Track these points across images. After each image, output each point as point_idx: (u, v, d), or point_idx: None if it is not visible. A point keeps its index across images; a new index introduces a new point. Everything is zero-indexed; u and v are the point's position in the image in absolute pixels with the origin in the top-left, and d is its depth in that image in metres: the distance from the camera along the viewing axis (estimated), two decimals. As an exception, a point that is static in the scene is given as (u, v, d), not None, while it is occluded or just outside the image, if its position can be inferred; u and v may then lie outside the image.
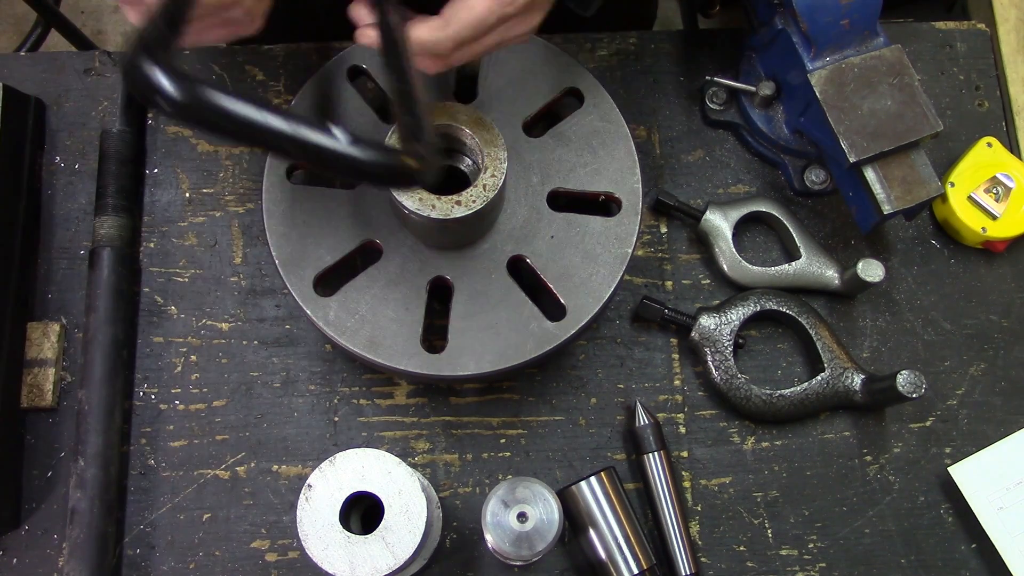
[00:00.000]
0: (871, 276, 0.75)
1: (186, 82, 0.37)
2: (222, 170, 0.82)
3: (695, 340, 0.77)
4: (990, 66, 0.88)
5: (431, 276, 0.69)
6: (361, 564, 0.61)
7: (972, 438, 0.78)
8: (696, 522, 0.76)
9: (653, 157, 0.84)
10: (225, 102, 0.38)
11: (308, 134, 0.41)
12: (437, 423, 0.77)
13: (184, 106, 0.37)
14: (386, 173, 0.43)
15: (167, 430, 0.76)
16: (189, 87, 0.37)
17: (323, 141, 0.41)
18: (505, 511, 0.63)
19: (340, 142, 0.41)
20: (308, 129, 0.41)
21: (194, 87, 0.37)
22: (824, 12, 0.70)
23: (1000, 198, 0.80)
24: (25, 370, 0.76)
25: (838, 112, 0.71)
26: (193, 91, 0.37)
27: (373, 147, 0.43)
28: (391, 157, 0.44)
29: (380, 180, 0.45)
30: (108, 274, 0.76)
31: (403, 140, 0.48)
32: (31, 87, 0.83)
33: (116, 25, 2.05)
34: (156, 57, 0.38)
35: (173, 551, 0.74)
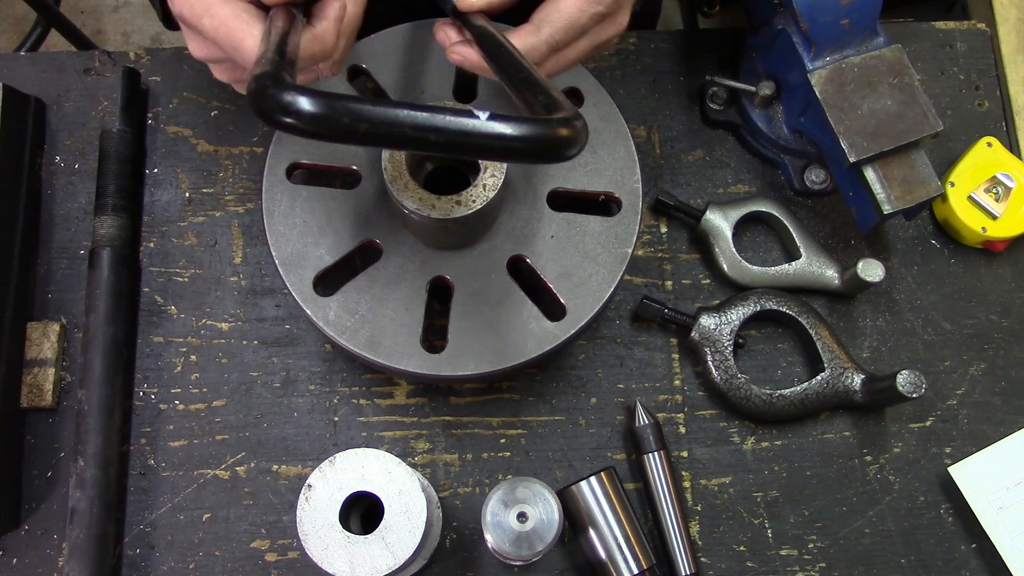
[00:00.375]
0: (871, 276, 0.75)
1: (318, 96, 0.37)
2: (222, 170, 0.82)
3: (695, 340, 0.77)
4: (990, 66, 0.88)
5: (431, 276, 0.69)
6: (361, 564, 0.61)
7: (972, 438, 0.78)
8: (696, 522, 0.76)
9: (653, 157, 0.84)
10: (360, 108, 0.37)
11: (450, 121, 0.38)
12: (437, 423, 0.77)
13: (323, 118, 0.37)
14: (543, 146, 0.40)
15: (167, 430, 0.77)
16: (322, 100, 0.37)
17: (468, 125, 0.38)
18: (505, 511, 0.63)
19: (484, 122, 0.38)
20: (448, 116, 0.38)
21: (327, 99, 0.37)
22: (824, 12, 0.70)
23: (1000, 198, 0.80)
24: (25, 370, 0.76)
25: (838, 112, 0.71)
26: (328, 103, 0.37)
27: (523, 121, 0.40)
28: (546, 128, 0.40)
29: (538, 156, 0.41)
30: (108, 274, 0.76)
31: (547, 112, 0.44)
32: (31, 87, 0.83)
33: (116, 25, 2.05)
34: (281, 80, 0.38)
35: (173, 551, 0.74)
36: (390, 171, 0.64)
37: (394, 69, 0.74)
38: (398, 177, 0.64)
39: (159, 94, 0.84)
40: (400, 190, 0.64)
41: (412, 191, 0.64)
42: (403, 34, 0.75)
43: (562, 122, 0.41)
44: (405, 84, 0.74)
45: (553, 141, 0.40)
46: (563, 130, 0.41)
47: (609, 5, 0.58)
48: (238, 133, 0.83)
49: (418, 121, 0.38)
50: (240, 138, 0.83)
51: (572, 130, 0.41)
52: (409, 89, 0.73)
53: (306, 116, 0.37)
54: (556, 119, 0.41)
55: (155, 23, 2.04)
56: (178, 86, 0.84)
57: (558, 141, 0.40)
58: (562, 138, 0.40)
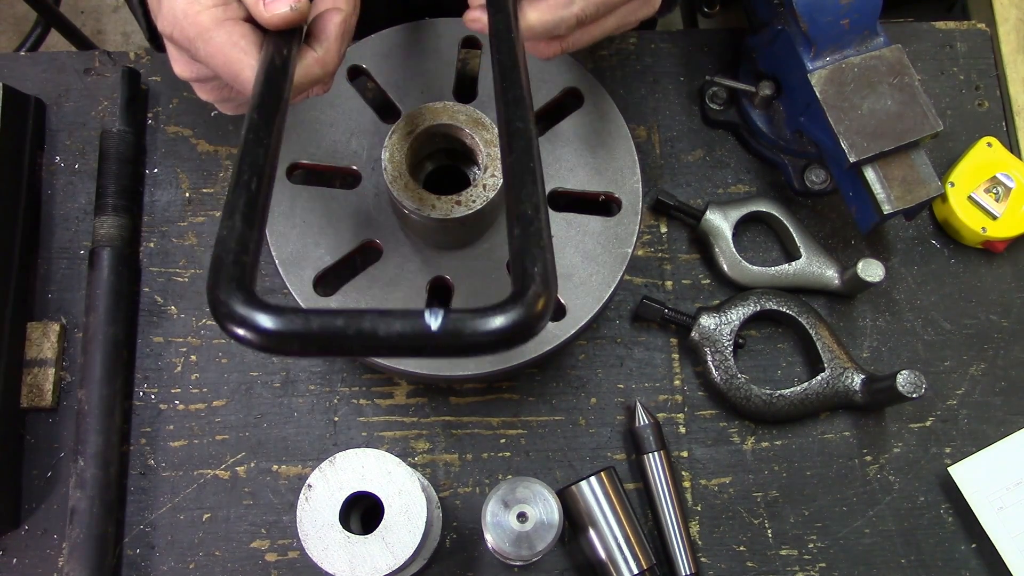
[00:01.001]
0: (871, 276, 0.75)
1: (274, 312, 0.36)
2: (222, 170, 0.82)
3: (695, 340, 0.77)
4: (990, 66, 0.88)
5: (431, 276, 0.69)
6: (361, 564, 0.61)
7: (972, 438, 0.78)
8: (696, 522, 0.76)
9: (653, 157, 0.84)
10: (313, 324, 0.36)
11: (401, 329, 0.36)
12: (437, 423, 0.77)
13: (273, 334, 0.36)
14: (507, 337, 0.37)
15: (167, 430, 0.77)
16: (279, 317, 0.35)
17: (423, 335, 0.36)
18: (505, 511, 0.63)
19: (438, 322, 0.36)
20: (401, 322, 0.36)
21: (282, 317, 0.35)
22: (824, 12, 0.70)
23: (1000, 198, 0.80)
24: (25, 370, 0.76)
25: (838, 112, 0.71)
26: (279, 321, 0.35)
27: (469, 322, 0.36)
28: (511, 315, 0.37)
29: (498, 348, 0.38)
30: (108, 274, 0.76)
31: (515, 274, 0.40)
32: (31, 87, 0.83)
33: (116, 25, 2.05)
34: (240, 288, 0.36)
35: (173, 551, 0.74)
36: (390, 171, 0.64)
37: (394, 69, 0.74)
38: (398, 177, 0.64)
39: (159, 94, 0.84)
40: (400, 190, 0.64)
41: (412, 191, 0.64)
42: (403, 34, 0.75)
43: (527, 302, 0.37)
44: (405, 84, 0.74)
45: (519, 331, 0.37)
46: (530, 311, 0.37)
47: None
48: (238, 133, 0.83)
49: (368, 338, 0.36)
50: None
51: (541, 306, 0.38)
52: (409, 89, 0.73)
53: (261, 334, 0.36)
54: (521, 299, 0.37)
55: (155, 23, 2.04)
56: (178, 86, 0.84)
57: (523, 329, 0.37)
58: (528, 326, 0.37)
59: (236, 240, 0.38)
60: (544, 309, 0.37)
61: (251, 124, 0.45)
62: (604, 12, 0.57)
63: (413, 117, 0.65)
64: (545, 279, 0.38)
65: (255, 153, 0.43)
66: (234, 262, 0.37)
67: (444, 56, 0.75)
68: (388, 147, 0.64)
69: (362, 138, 0.72)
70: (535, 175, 0.45)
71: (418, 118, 0.65)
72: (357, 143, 0.72)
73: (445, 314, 0.35)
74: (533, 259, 0.39)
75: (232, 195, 0.41)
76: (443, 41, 0.75)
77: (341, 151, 0.72)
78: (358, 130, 0.73)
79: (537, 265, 0.39)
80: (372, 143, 0.72)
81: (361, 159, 0.72)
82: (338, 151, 0.72)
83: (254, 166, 0.42)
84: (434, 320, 0.35)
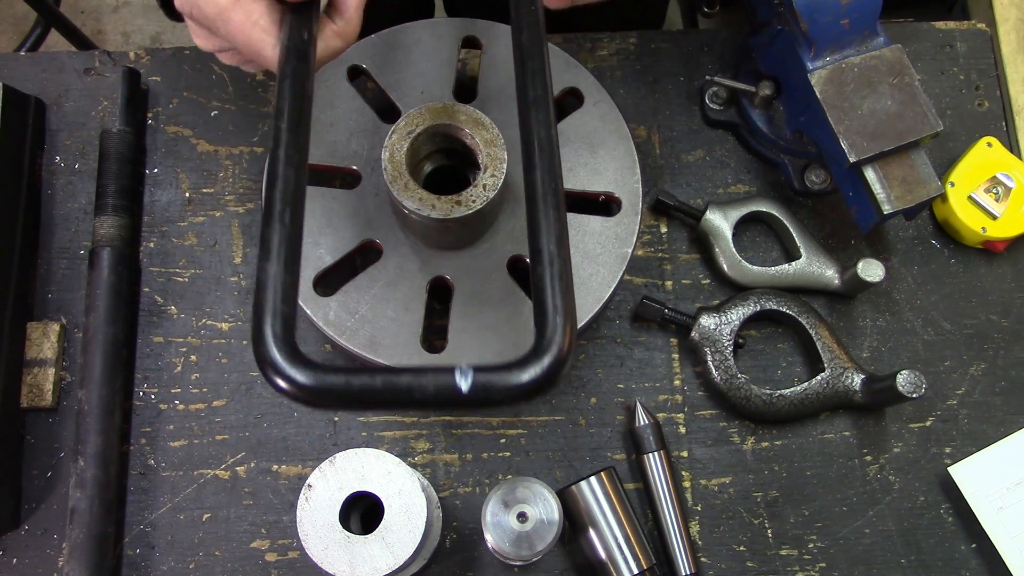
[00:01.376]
0: (871, 276, 0.75)
1: (318, 370, 0.38)
2: (222, 170, 0.82)
3: (695, 340, 0.77)
4: (990, 66, 0.88)
5: (431, 276, 0.69)
6: (361, 564, 0.61)
7: (972, 438, 0.78)
8: (696, 522, 0.76)
9: (653, 157, 0.84)
10: (353, 384, 0.38)
11: (435, 390, 0.38)
12: (437, 423, 0.77)
13: (314, 391, 0.38)
14: (533, 390, 0.39)
15: (167, 430, 0.77)
16: (322, 375, 0.38)
17: (450, 391, 0.38)
18: (505, 511, 0.63)
19: (468, 384, 0.38)
20: (432, 378, 0.38)
21: (320, 374, 0.38)
22: (824, 12, 0.70)
23: (1000, 198, 0.80)
24: (25, 370, 0.76)
25: (838, 112, 0.71)
26: (320, 378, 0.38)
27: (497, 376, 0.39)
28: (535, 369, 0.39)
29: (526, 400, 0.41)
30: (108, 274, 0.76)
31: (537, 320, 0.41)
32: (31, 87, 0.83)
33: (116, 25, 2.05)
34: (285, 344, 0.39)
35: (173, 551, 0.74)
36: (390, 171, 0.64)
37: (394, 69, 0.74)
38: (398, 177, 0.64)
39: (159, 94, 0.84)
40: (400, 190, 0.64)
41: (412, 191, 0.64)
42: (403, 34, 0.75)
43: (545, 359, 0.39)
44: (405, 84, 0.74)
45: (542, 385, 0.39)
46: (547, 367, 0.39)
47: None
48: (238, 133, 0.83)
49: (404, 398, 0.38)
50: (240, 138, 0.83)
51: (558, 363, 0.40)
52: (409, 89, 0.73)
53: (302, 389, 0.38)
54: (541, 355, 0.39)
55: (155, 23, 2.04)
56: (178, 86, 0.84)
57: (544, 384, 0.39)
58: (549, 380, 0.40)
59: (276, 288, 0.40)
60: (567, 357, 0.38)
61: (279, 138, 0.45)
62: None
63: (413, 117, 0.65)
64: (568, 329, 0.39)
65: (287, 177, 0.43)
66: (276, 314, 0.39)
67: (444, 56, 0.75)
68: (388, 147, 0.64)
69: (362, 138, 0.72)
70: (559, 200, 0.44)
71: (418, 118, 0.65)
72: (357, 143, 0.72)
73: (474, 373, 0.37)
74: (556, 308, 0.39)
75: (267, 230, 0.41)
76: (443, 41, 0.75)
77: (341, 151, 0.72)
78: (358, 130, 0.73)
79: (560, 315, 0.39)
80: (372, 143, 0.72)
81: (361, 159, 0.72)
82: (338, 151, 0.72)
83: (286, 194, 0.42)
84: (464, 382, 0.37)
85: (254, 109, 0.84)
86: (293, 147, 0.45)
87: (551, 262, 0.42)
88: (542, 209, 0.44)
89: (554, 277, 0.42)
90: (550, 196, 0.45)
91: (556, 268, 0.42)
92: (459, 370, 0.38)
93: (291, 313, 0.40)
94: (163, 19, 2.06)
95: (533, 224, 0.44)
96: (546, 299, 0.41)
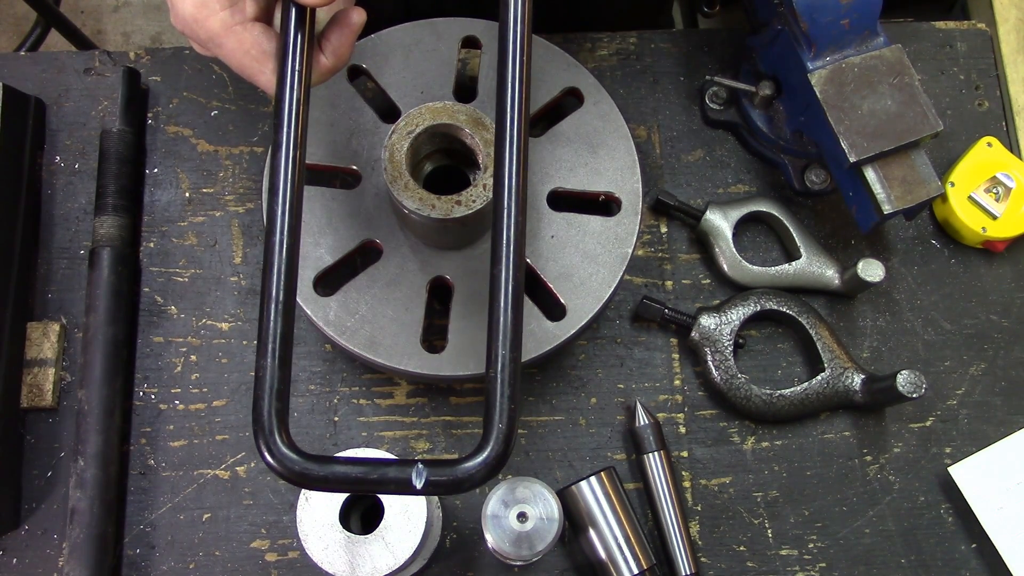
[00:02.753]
0: (871, 276, 0.75)
1: (308, 459, 0.47)
2: (222, 170, 0.82)
3: (695, 340, 0.77)
4: (990, 66, 0.88)
5: (431, 276, 0.69)
6: (361, 564, 0.61)
7: (972, 438, 0.78)
8: (696, 522, 0.76)
9: (653, 157, 0.84)
10: (337, 471, 0.47)
11: (395, 482, 0.47)
12: (437, 423, 0.77)
13: (306, 476, 0.47)
14: (476, 482, 0.48)
15: (167, 430, 0.76)
16: (312, 464, 0.47)
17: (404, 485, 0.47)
18: (505, 511, 0.63)
19: (422, 482, 0.47)
20: (395, 473, 0.47)
21: (314, 464, 0.47)
22: (824, 12, 0.70)
23: (1000, 198, 0.80)
24: (25, 370, 0.76)
25: (838, 112, 0.71)
26: (314, 467, 0.47)
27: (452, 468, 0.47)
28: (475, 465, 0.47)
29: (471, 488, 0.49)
30: (108, 274, 0.76)
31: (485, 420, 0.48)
32: (31, 87, 0.83)
33: (116, 25, 2.05)
34: (280, 433, 0.47)
35: (173, 551, 0.74)
36: (390, 171, 0.64)
37: (394, 69, 0.74)
38: (398, 177, 0.64)
39: (159, 94, 0.84)
40: (400, 190, 0.64)
41: (412, 191, 0.64)
42: (403, 34, 0.75)
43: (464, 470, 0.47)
44: (405, 84, 0.74)
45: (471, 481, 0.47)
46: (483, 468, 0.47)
47: None
48: (238, 133, 0.83)
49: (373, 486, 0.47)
50: (240, 138, 0.83)
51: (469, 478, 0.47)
52: (409, 89, 0.73)
53: (292, 473, 0.47)
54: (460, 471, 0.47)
55: (155, 23, 2.04)
56: (178, 86, 0.84)
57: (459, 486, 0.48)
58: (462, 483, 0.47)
59: (271, 383, 0.48)
60: (505, 455, 0.47)
61: (272, 222, 0.50)
62: None
63: (413, 117, 0.65)
64: (508, 433, 0.47)
65: (279, 268, 0.50)
66: (271, 411, 0.47)
67: (444, 56, 0.75)
68: (388, 147, 0.64)
69: (362, 138, 0.72)
70: (519, 300, 0.50)
71: (418, 118, 0.65)
72: (357, 143, 0.72)
73: (428, 471, 0.47)
74: (501, 413, 0.47)
75: (264, 324, 0.49)
76: (443, 41, 0.75)
77: (341, 151, 0.72)
78: (358, 130, 0.73)
79: (504, 420, 0.47)
80: (372, 143, 0.72)
81: (361, 159, 0.72)
82: (338, 151, 0.72)
83: (279, 287, 0.49)
84: (419, 480, 0.46)
85: (254, 109, 0.84)
86: (290, 234, 0.50)
87: (503, 367, 0.48)
88: (501, 308, 0.49)
89: (504, 383, 0.48)
90: (511, 296, 0.49)
91: (507, 374, 0.48)
92: (415, 470, 0.47)
93: (284, 408, 0.48)
94: (163, 19, 2.06)
95: (492, 322, 0.49)
96: (494, 402, 0.47)
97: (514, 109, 0.51)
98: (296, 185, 0.50)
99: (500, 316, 0.49)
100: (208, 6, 0.51)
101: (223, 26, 0.51)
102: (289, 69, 0.51)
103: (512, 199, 0.50)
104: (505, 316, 0.49)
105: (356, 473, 0.47)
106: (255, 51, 0.52)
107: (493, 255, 0.51)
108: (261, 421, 0.47)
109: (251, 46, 0.52)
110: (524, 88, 0.51)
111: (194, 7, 0.51)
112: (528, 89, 0.51)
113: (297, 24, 0.51)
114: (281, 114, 0.50)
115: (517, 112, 0.51)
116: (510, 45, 0.51)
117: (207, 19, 0.51)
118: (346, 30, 0.54)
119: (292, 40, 0.51)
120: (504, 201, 0.51)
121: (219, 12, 0.51)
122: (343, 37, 0.54)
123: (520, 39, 0.51)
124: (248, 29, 0.52)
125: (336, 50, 0.54)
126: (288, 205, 0.50)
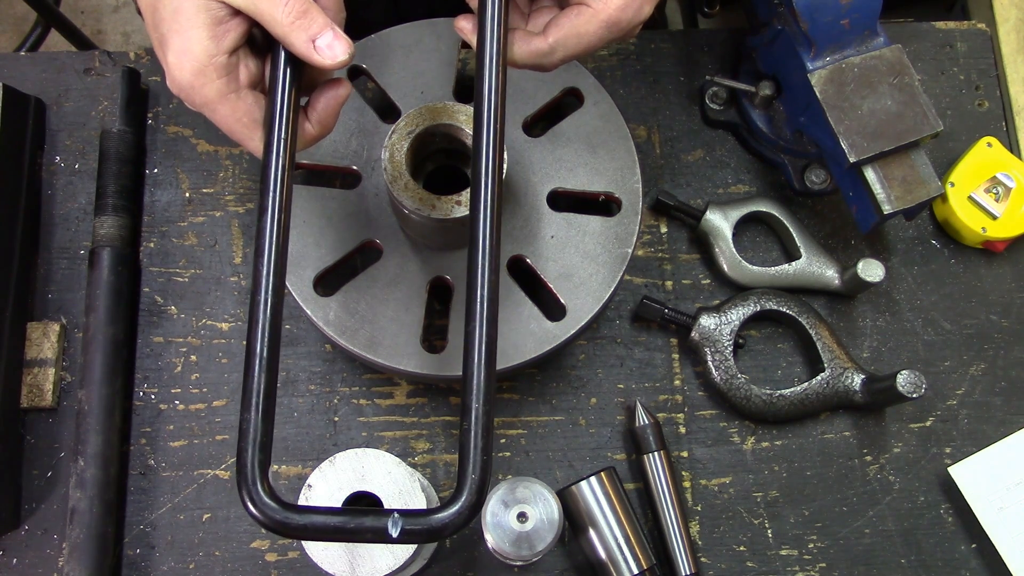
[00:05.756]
0: (871, 276, 0.75)
1: (289, 509, 0.49)
2: (222, 170, 0.82)
3: (695, 340, 0.77)
4: (990, 66, 0.88)
5: (431, 276, 0.69)
6: (361, 564, 0.61)
7: (972, 438, 0.78)
8: (696, 522, 0.76)
9: (653, 157, 0.84)
10: (315, 521, 0.49)
11: (372, 532, 0.49)
12: (437, 423, 0.77)
13: (285, 526, 0.49)
14: (448, 532, 0.49)
15: (167, 430, 0.76)
16: (292, 514, 0.49)
17: (379, 534, 0.49)
18: (505, 511, 0.63)
19: (397, 531, 0.48)
20: (371, 523, 0.49)
21: (295, 514, 0.49)
22: (824, 12, 0.70)
23: (1000, 198, 0.80)
24: (25, 370, 0.76)
25: (838, 112, 0.71)
26: (293, 518, 0.49)
27: (424, 518, 0.49)
28: (447, 516, 0.49)
29: (444, 538, 0.51)
30: (108, 274, 0.76)
31: (459, 468, 0.50)
32: (31, 87, 0.83)
33: (116, 25, 2.05)
34: (262, 484, 0.49)
35: (173, 551, 0.74)
36: (390, 171, 0.64)
37: (394, 69, 0.74)
38: (398, 177, 0.64)
39: (159, 94, 0.84)
40: (400, 190, 0.64)
41: (412, 191, 0.64)
42: (403, 34, 0.75)
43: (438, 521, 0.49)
44: (405, 84, 0.74)
45: (450, 528, 0.49)
46: (459, 516, 0.49)
47: (628, 33, 0.58)
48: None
49: (351, 535, 0.49)
50: (240, 138, 0.83)
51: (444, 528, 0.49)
52: (409, 89, 0.73)
53: (272, 523, 0.49)
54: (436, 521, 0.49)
55: (155, 23, 2.03)
56: (178, 86, 0.84)
57: (434, 536, 0.49)
58: (437, 532, 0.49)
59: (255, 436, 0.50)
60: (477, 506, 0.49)
61: (258, 282, 0.52)
62: (584, 54, 0.58)
63: (413, 117, 0.65)
64: (479, 484, 0.49)
65: (264, 326, 0.51)
66: (254, 463, 0.49)
67: (444, 56, 0.75)
68: (388, 147, 0.64)
69: (362, 138, 0.72)
70: (492, 357, 0.51)
71: (418, 118, 0.65)
72: (357, 143, 0.72)
73: (404, 522, 0.48)
74: (474, 465, 0.49)
75: (248, 379, 0.51)
76: (443, 41, 0.75)
77: (341, 151, 0.72)
78: (358, 130, 0.73)
79: (477, 471, 0.49)
80: (372, 143, 0.72)
81: (361, 159, 0.72)
82: (338, 151, 0.72)
83: (264, 344, 0.51)
84: (394, 529, 0.48)
85: (254, 109, 0.84)
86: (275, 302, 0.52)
87: (476, 420, 0.50)
88: (476, 364, 0.50)
89: (477, 435, 0.49)
90: (484, 353, 0.51)
91: (480, 427, 0.50)
92: (391, 520, 0.48)
93: (267, 459, 0.50)
94: (163, 19, 2.06)
95: (466, 376, 0.50)
96: (467, 454, 0.49)
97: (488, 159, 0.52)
98: (281, 247, 0.52)
99: (474, 371, 0.50)
100: (205, 74, 0.51)
101: (218, 94, 0.52)
102: (276, 137, 0.52)
103: (487, 259, 0.52)
104: (479, 372, 0.50)
105: (334, 523, 0.49)
106: (247, 119, 0.53)
107: (467, 313, 0.52)
108: (244, 472, 0.49)
109: (243, 114, 0.53)
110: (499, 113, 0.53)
111: (192, 75, 0.52)
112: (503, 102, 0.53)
113: (286, 93, 0.53)
114: (267, 179, 0.52)
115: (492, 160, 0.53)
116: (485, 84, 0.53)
117: (203, 87, 0.52)
118: (332, 101, 0.56)
119: (280, 110, 0.53)
120: (479, 261, 0.53)
121: (215, 81, 0.52)
122: (328, 107, 0.56)
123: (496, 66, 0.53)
124: (242, 98, 0.53)
125: (322, 119, 0.56)
126: (273, 265, 0.52)
